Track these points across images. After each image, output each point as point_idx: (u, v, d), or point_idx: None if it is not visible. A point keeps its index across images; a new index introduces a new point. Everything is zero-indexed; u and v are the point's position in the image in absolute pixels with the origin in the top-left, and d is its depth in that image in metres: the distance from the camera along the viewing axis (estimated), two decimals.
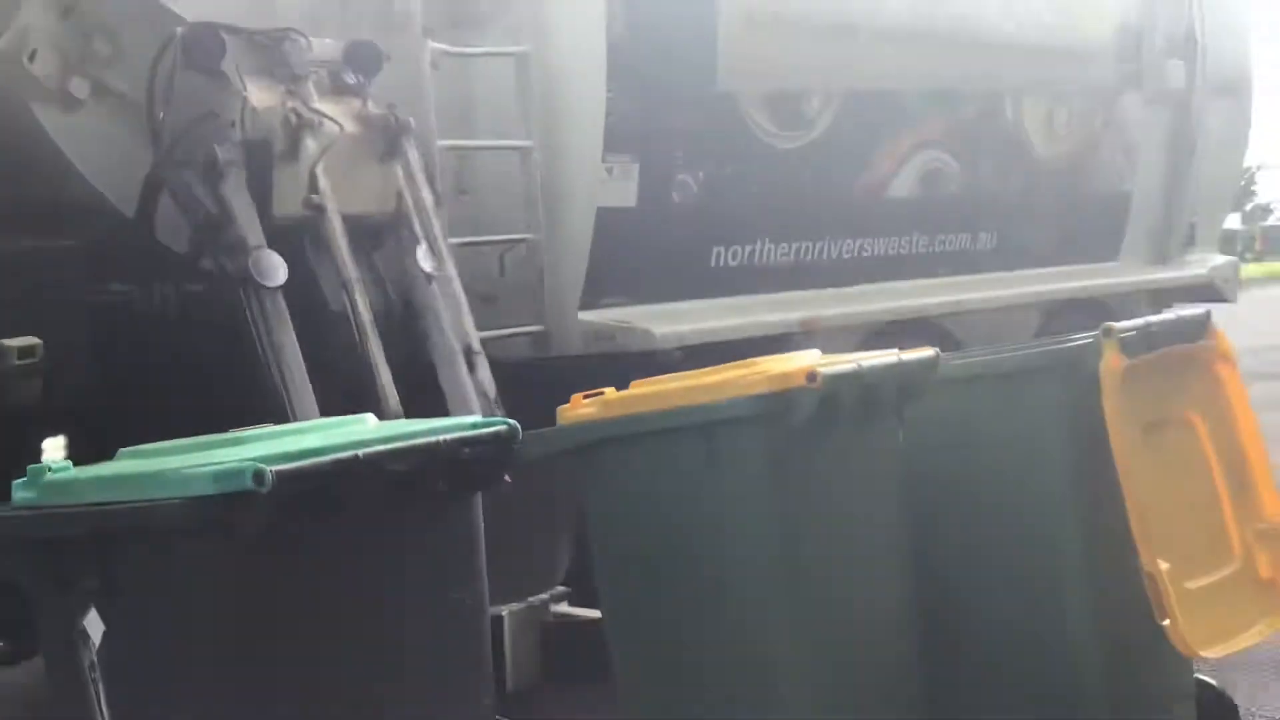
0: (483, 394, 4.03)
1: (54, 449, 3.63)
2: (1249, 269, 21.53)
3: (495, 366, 4.15)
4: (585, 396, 3.09)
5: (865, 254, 5.74)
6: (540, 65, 4.60)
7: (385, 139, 4.10)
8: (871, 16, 5.54)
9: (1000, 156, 6.29)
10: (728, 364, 3.04)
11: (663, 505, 2.97)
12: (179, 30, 3.88)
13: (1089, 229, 6.82)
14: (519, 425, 2.48)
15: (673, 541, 2.97)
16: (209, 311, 3.98)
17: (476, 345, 4.13)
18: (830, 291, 5.54)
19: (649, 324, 4.78)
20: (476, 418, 2.54)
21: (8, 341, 3.53)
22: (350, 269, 3.87)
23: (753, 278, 5.30)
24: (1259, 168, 39.66)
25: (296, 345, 3.68)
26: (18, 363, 3.53)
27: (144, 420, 3.66)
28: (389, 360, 3.83)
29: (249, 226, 3.76)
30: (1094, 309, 6.55)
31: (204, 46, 3.86)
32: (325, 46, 4.12)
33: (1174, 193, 7.08)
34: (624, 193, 4.84)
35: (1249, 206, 40.57)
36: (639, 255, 4.93)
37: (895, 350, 3.10)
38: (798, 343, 5.11)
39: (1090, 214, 6.82)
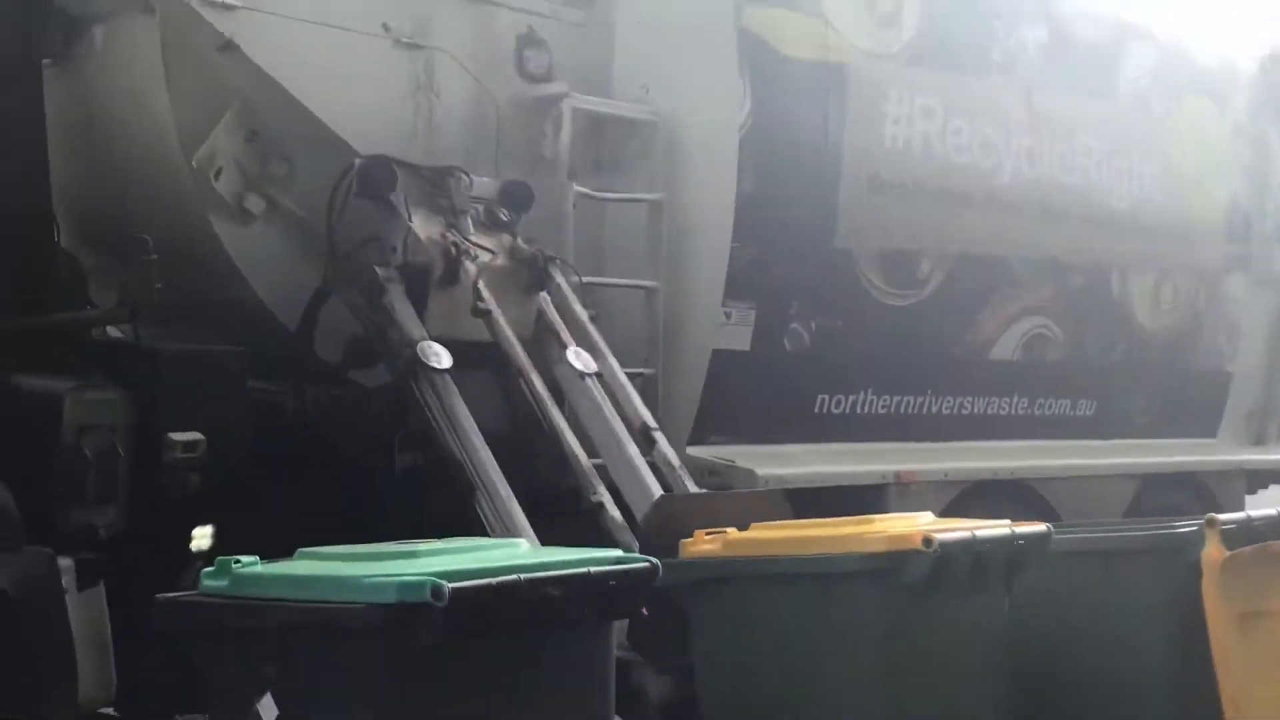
0: (667, 464, 4.25)
1: (203, 537, 3.87)
2: None
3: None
4: (707, 534, 3.30)
5: (964, 412, 5.87)
6: (672, 212, 4.89)
7: (531, 273, 4.41)
8: (986, 186, 5.76)
9: (1104, 327, 6.41)
10: (846, 518, 3.22)
11: (775, 645, 3.14)
12: (357, 161, 4.24)
13: (1188, 404, 6.85)
14: (660, 563, 2.68)
15: (782, 681, 3.13)
16: (352, 416, 4.26)
17: (652, 422, 4.36)
18: (928, 445, 5.66)
19: (753, 464, 4.94)
20: (619, 552, 2.75)
21: (174, 435, 3.79)
22: (522, 357, 4.13)
23: (854, 426, 5.45)
24: None
25: (470, 415, 3.92)
26: (180, 455, 3.79)
27: (287, 512, 3.93)
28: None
29: (411, 324, 4.06)
30: (1191, 484, 6.60)
31: (376, 177, 4.22)
32: (483, 184, 4.47)
33: (1275, 376, 7.11)
34: (739, 337, 5.04)
35: None
36: (748, 397, 5.11)
37: (1007, 521, 3.25)
38: (894, 493, 5.27)
39: (1190, 390, 6.86)
